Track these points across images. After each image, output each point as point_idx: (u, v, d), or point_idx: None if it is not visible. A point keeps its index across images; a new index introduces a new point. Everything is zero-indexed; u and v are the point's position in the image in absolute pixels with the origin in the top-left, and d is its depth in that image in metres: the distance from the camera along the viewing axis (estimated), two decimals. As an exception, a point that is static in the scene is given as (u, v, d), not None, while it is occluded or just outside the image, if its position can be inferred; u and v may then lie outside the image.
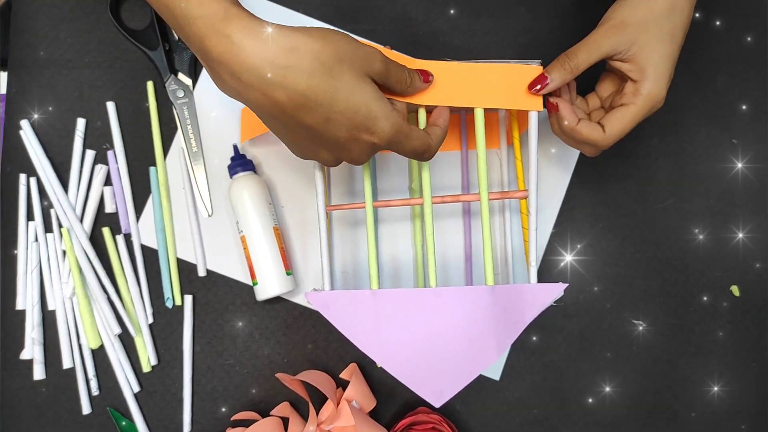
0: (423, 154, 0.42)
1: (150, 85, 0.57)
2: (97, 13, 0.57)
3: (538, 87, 0.45)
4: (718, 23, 0.59)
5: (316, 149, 0.40)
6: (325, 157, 0.41)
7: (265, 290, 0.53)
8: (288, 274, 0.54)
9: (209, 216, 0.56)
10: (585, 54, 0.45)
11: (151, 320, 0.56)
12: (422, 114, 0.46)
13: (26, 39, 0.57)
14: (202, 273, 0.56)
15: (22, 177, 0.56)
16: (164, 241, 0.56)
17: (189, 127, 0.56)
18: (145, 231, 0.57)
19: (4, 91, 0.58)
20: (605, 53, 0.45)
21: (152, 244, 0.57)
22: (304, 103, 0.36)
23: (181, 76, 0.57)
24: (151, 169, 0.57)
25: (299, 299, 0.57)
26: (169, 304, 0.56)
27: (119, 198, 0.57)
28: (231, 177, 0.55)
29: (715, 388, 0.58)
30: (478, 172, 0.46)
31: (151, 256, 0.56)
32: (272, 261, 0.53)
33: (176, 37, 0.57)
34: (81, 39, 0.57)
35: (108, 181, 0.57)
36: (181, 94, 0.56)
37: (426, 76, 0.43)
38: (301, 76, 0.35)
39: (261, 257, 0.53)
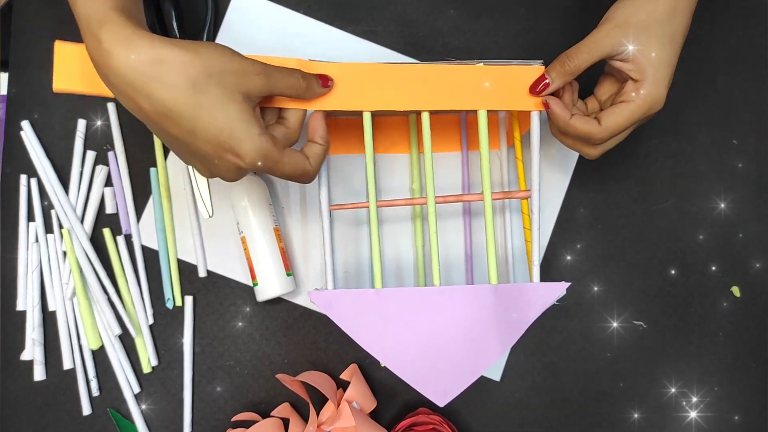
0: (300, 178, 0.42)
1: None
2: (97, 14, 0.57)
3: (539, 88, 0.45)
4: (718, 23, 0.59)
5: (188, 158, 0.40)
6: (197, 167, 0.41)
7: (265, 291, 0.53)
8: (288, 274, 0.54)
9: (210, 217, 0.56)
10: (586, 54, 0.45)
11: (151, 321, 0.56)
12: (426, 119, 0.46)
13: (27, 40, 0.57)
14: (202, 274, 0.56)
15: (23, 178, 0.56)
16: (165, 242, 0.56)
17: None
18: (145, 232, 0.56)
19: (5, 92, 0.58)
20: (606, 53, 0.45)
21: (153, 244, 0.56)
22: (167, 114, 0.37)
23: None
24: (152, 170, 0.57)
25: (300, 300, 0.57)
26: (169, 305, 0.56)
27: (120, 199, 0.56)
28: None
29: (716, 389, 0.58)
30: (482, 172, 0.46)
31: (151, 256, 0.56)
32: (272, 262, 0.53)
33: (178, 38, 0.57)
34: (82, 40, 0.57)
35: (109, 182, 0.57)
36: None
37: (325, 81, 0.43)
38: (164, 88, 0.36)
39: (261, 258, 0.53)
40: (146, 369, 0.55)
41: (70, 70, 0.43)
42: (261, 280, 0.53)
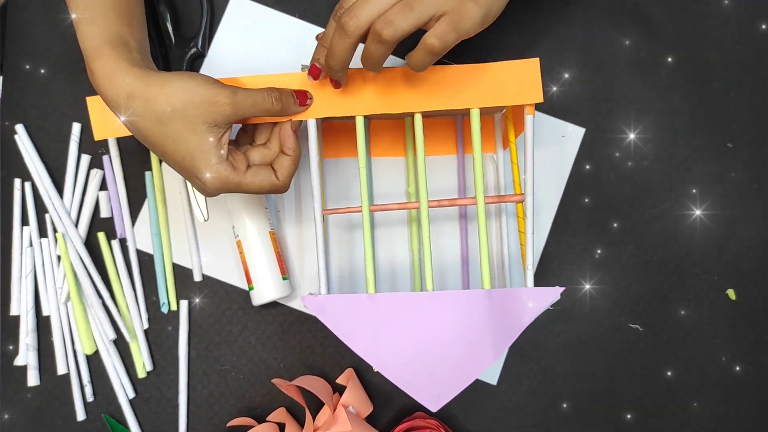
0: (269, 192, 0.44)
1: None
2: (92, 18, 0.57)
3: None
4: (713, 27, 0.59)
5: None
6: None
7: (261, 295, 0.53)
8: (284, 279, 0.54)
9: (205, 221, 0.56)
10: None
11: (146, 326, 0.56)
12: (419, 121, 0.46)
13: (22, 43, 0.57)
14: (197, 278, 0.56)
15: (17, 182, 0.56)
16: (160, 246, 0.56)
17: None
18: (140, 236, 0.56)
19: (-1, 95, 0.58)
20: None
21: (147, 248, 0.56)
22: (143, 138, 0.42)
23: None
24: (147, 173, 0.57)
25: (295, 304, 0.57)
26: (164, 310, 0.56)
27: (114, 203, 0.56)
28: None
29: (714, 392, 0.58)
30: (475, 175, 0.46)
31: (146, 261, 0.56)
32: (268, 266, 0.53)
33: (173, 41, 0.57)
34: (77, 44, 0.57)
35: (104, 186, 0.57)
36: None
37: (303, 99, 0.44)
38: (137, 118, 0.41)
39: (257, 262, 0.53)
40: (141, 374, 0.55)
41: (104, 119, 0.47)
42: (257, 284, 0.53)
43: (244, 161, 0.44)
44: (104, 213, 0.56)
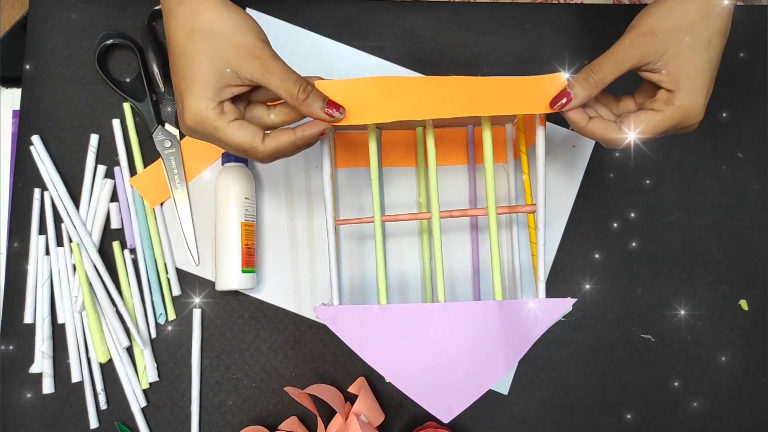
0: (246, 152, 0.42)
1: (127, 106, 0.57)
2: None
3: (563, 102, 0.43)
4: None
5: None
6: None
7: (221, 283, 0.54)
8: (245, 271, 0.54)
9: (197, 266, 0.57)
10: (611, 67, 0.42)
11: (154, 335, 0.56)
12: (430, 131, 0.46)
13: (40, 56, 0.58)
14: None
15: (36, 191, 0.57)
16: (153, 259, 0.56)
17: (176, 176, 0.57)
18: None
19: (17, 107, 0.59)
20: (632, 65, 0.42)
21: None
22: (167, 40, 0.42)
23: (168, 127, 0.57)
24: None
25: (307, 313, 0.57)
26: (161, 320, 0.56)
27: (125, 214, 0.57)
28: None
29: (725, 403, 0.58)
30: (486, 185, 0.46)
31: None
32: (231, 256, 0.54)
33: (162, 89, 0.57)
34: (94, 55, 0.58)
35: (115, 197, 0.57)
36: (168, 144, 0.57)
37: (332, 109, 0.42)
38: (174, 22, 0.41)
39: (221, 250, 0.54)
40: (144, 385, 0.55)
41: None
42: (219, 271, 0.54)
43: (234, 112, 0.41)
44: (115, 224, 0.57)
